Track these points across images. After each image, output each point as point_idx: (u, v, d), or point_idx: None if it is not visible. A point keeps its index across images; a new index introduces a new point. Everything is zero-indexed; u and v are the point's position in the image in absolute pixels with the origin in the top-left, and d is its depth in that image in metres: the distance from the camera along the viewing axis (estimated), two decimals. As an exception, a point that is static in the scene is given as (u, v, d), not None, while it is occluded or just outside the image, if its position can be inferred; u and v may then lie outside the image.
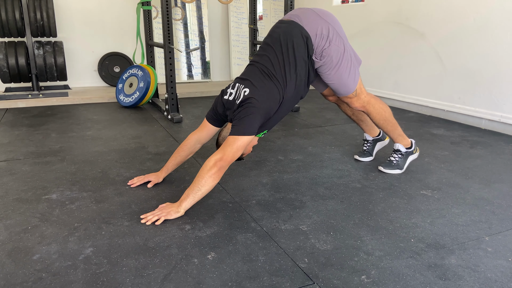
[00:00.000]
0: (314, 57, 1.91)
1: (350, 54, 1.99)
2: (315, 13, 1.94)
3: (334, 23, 1.95)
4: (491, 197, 1.99)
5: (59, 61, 4.44)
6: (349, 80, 2.01)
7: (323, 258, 1.46)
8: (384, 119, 2.17)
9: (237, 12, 5.78)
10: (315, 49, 1.90)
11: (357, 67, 2.03)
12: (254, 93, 1.79)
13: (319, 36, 1.88)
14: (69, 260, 1.44)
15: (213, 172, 1.71)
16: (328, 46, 1.90)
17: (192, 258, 1.46)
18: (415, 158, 2.39)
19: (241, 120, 1.76)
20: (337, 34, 1.93)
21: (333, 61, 1.93)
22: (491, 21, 3.24)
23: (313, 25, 1.89)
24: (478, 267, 1.42)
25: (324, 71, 1.98)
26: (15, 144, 2.84)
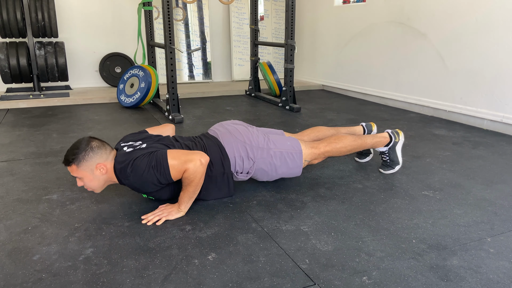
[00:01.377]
0: (236, 174, 1.95)
1: (275, 152, 1.97)
2: (229, 133, 1.98)
3: (248, 137, 1.96)
4: (493, 198, 1.98)
5: (60, 62, 4.45)
6: (292, 169, 2.02)
7: (324, 259, 1.45)
8: (348, 151, 2.14)
9: (238, 12, 5.78)
10: (238, 169, 1.93)
11: (290, 151, 2.00)
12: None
13: (238, 157, 1.92)
14: (69, 260, 1.43)
15: (204, 171, 1.72)
16: (253, 164, 1.94)
17: (193, 258, 1.45)
18: (403, 141, 2.29)
19: (153, 179, 1.70)
20: (255, 147, 1.95)
21: (266, 171, 1.98)
22: (493, 21, 3.23)
23: (230, 146, 1.92)
24: (480, 268, 1.41)
25: (265, 178, 2.03)
26: (16, 144, 2.84)
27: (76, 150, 1.68)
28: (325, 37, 5.39)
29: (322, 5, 5.37)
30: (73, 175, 1.71)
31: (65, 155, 1.70)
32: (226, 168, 1.89)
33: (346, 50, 4.98)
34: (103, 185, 1.77)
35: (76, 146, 1.70)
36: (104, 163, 1.71)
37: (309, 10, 5.65)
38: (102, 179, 1.74)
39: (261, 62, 4.86)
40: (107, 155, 1.73)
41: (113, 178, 1.75)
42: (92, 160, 1.68)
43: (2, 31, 4.23)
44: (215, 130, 2.04)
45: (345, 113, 3.94)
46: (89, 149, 1.68)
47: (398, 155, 2.28)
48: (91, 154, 1.68)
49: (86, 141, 1.71)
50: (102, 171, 1.71)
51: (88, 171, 1.69)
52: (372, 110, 4.10)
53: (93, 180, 1.71)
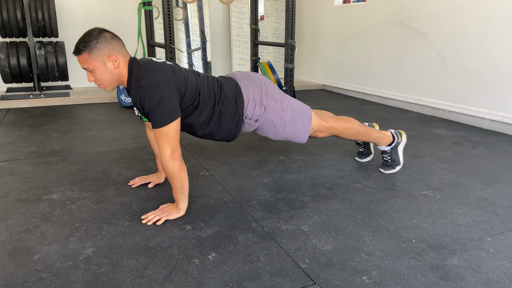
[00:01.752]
0: (246, 119, 1.91)
1: (288, 107, 1.97)
2: (248, 76, 1.96)
3: (266, 84, 1.95)
4: (493, 198, 1.99)
5: (60, 61, 4.45)
6: (299, 131, 2.00)
7: (324, 259, 1.45)
8: (353, 134, 2.14)
9: (238, 12, 5.78)
10: (248, 113, 1.90)
11: (302, 112, 2.00)
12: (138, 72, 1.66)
13: (251, 100, 1.88)
14: (69, 260, 1.43)
15: (178, 166, 1.66)
16: (264, 112, 1.91)
17: (193, 258, 1.45)
18: (405, 142, 2.29)
19: (152, 112, 1.61)
20: (270, 96, 1.93)
21: (275, 124, 1.95)
22: (493, 20, 3.23)
23: (246, 88, 1.89)
24: (480, 268, 1.41)
25: (270, 133, 1.99)
26: (16, 144, 2.84)
27: (88, 37, 1.58)
28: (326, 37, 5.39)
29: (322, 5, 5.37)
30: (83, 67, 1.61)
31: (75, 44, 1.59)
32: (238, 107, 1.84)
33: (346, 49, 4.98)
34: (114, 81, 1.68)
35: (88, 33, 1.59)
36: (117, 55, 1.63)
37: (309, 9, 5.65)
38: (114, 74, 1.65)
39: (261, 62, 4.85)
40: (120, 48, 1.65)
41: (123, 78, 1.67)
42: (105, 49, 1.59)
43: (2, 31, 4.24)
44: (233, 73, 2.01)
45: (345, 113, 3.94)
46: (102, 37, 1.59)
47: (400, 155, 2.28)
48: (104, 42, 1.59)
49: (99, 30, 1.62)
50: (115, 63, 1.62)
51: (100, 62, 1.60)
52: (372, 110, 4.10)
53: (104, 73, 1.63)
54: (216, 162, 2.47)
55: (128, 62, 1.68)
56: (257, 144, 2.86)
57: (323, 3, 5.34)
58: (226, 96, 1.82)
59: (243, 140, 2.94)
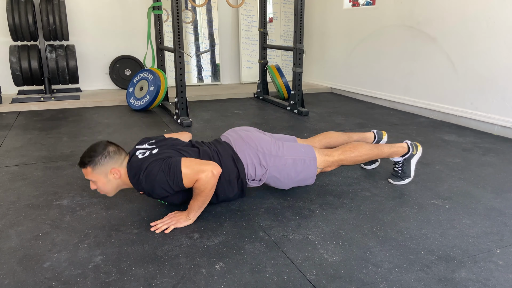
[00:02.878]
0: (248, 181, 1.94)
1: (288, 159, 1.95)
2: (242, 139, 1.97)
3: (260, 144, 1.96)
4: (503, 207, 1.96)
5: (71, 64, 4.50)
6: (305, 176, 2.00)
7: (331, 270, 1.45)
8: (364, 160, 2.11)
9: (247, 15, 5.79)
10: (250, 176, 1.92)
11: (304, 158, 1.98)
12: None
13: (250, 164, 1.91)
14: (79, 268, 1.45)
15: (214, 183, 1.72)
16: (265, 171, 1.93)
17: (200, 268, 1.46)
18: (420, 155, 2.24)
19: (165, 185, 1.70)
20: (268, 155, 1.93)
21: (279, 178, 1.96)
22: (503, 25, 3.19)
23: (243, 154, 1.92)
24: (488, 281, 1.40)
25: (278, 186, 2.01)
26: (27, 148, 2.88)
27: (93, 153, 1.70)
28: (334, 40, 5.37)
29: (331, 8, 5.35)
30: (87, 178, 1.73)
31: (81, 156, 1.72)
32: (240, 173, 1.88)
33: (355, 53, 4.96)
34: (116, 189, 1.79)
35: (94, 149, 1.72)
36: (119, 168, 1.73)
37: (318, 13, 5.64)
38: (115, 183, 1.76)
39: (269, 65, 4.86)
40: (122, 160, 1.76)
41: (127, 182, 1.77)
42: (107, 164, 1.71)
43: (14, 35, 4.29)
44: (227, 136, 2.04)
45: (353, 117, 3.93)
46: (106, 153, 1.71)
47: (412, 168, 2.23)
48: (107, 158, 1.71)
49: (104, 145, 1.74)
50: (116, 175, 1.73)
51: (102, 175, 1.71)
52: (381, 114, 4.08)
53: (106, 184, 1.74)
54: (224, 168, 2.48)
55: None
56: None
57: (332, 6, 5.33)
58: (226, 167, 1.86)
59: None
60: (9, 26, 4.21)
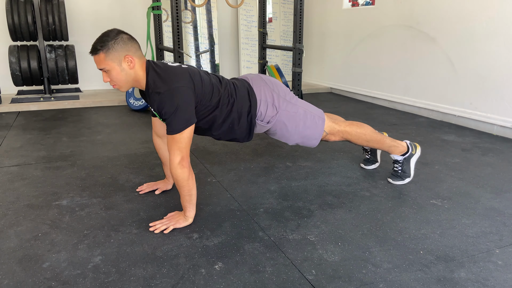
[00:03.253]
0: (258, 120, 1.92)
1: (300, 108, 1.97)
2: (260, 78, 1.98)
3: (278, 87, 1.96)
4: (502, 207, 1.97)
5: (70, 65, 4.49)
6: (312, 132, 2.00)
7: (330, 270, 1.45)
8: (366, 140, 2.11)
9: (246, 15, 5.79)
10: (260, 114, 1.91)
11: (314, 114, 1.99)
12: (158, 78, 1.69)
13: (263, 101, 1.89)
14: (78, 268, 1.45)
15: (187, 174, 1.68)
16: (276, 113, 1.92)
17: (200, 268, 1.46)
18: (418, 155, 2.27)
19: (169, 118, 1.63)
20: (282, 98, 1.94)
21: (287, 125, 1.95)
22: (503, 25, 3.19)
23: (258, 89, 1.91)
24: (487, 281, 1.40)
25: (282, 135, 1.99)
26: (27, 148, 2.88)
27: (106, 37, 1.61)
28: (334, 40, 5.37)
29: (331, 8, 5.35)
30: (99, 67, 1.64)
31: (93, 44, 1.62)
32: (252, 108, 1.86)
33: (355, 53, 4.97)
34: (128, 81, 1.69)
35: (106, 34, 1.63)
36: (133, 56, 1.65)
37: (318, 12, 5.64)
38: (130, 74, 1.67)
39: (269, 65, 4.86)
40: (136, 50, 1.68)
41: (140, 79, 1.70)
42: (121, 50, 1.62)
43: (13, 35, 4.29)
44: (246, 75, 2.03)
45: (353, 117, 3.93)
46: (119, 38, 1.63)
47: (411, 167, 2.24)
48: (121, 43, 1.62)
49: (117, 31, 1.66)
50: (131, 64, 1.65)
51: (116, 62, 1.63)
52: (380, 114, 4.08)
53: (120, 73, 1.65)
54: (223, 168, 2.48)
55: (144, 65, 1.71)
56: (264, 149, 2.87)
57: (332, 6, 5.33)
58: (240, 97, 1.85)
59: (250, 146, 2.95)
60: (9, 26, 4.21)
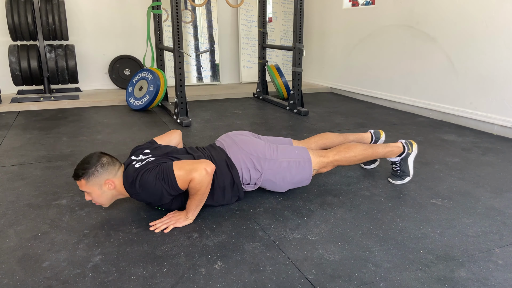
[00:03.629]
0: (243, 185, 1.96)
1: (282, 161, 1.96)
2: (235, 144, 1.99)
3: (254, 148, 1.97)
4: (502, 207, 1.97)
5: (70, 64, 4.49)
6: (301, 178, 2.01)
7: (330, 270, 1.45)
8: (359, 160, 2.11)
9: (246, 15, 5.79)
10: (245, 180, 1.94)
11: (299, 159, 1.98)
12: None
13: (245, 169, 1.92)
14: (78, 268, 1.45)
15: (209, 181, 1.71)
16: (260, 175, 1.94)
17: (200, 267, 1.46)
18: (416, 153, 2.25)
19: (162, 188, 1.70)
20: (262, 159, 1.94)
21: (274, 181, 1.97)
22: (503, 25, 3.19)
23: (236, 158, 1.93)
24: (488, 280, 1.40)
25: (274, 189, 2.02)
26: (26, 147, 2.88)
27: (86, 165, 1.70)
28: (334, 40, 5.37)
29: (331, 8, 5.35)
30: (81, 189, 1.73)
31: (75, 169, 1.73)
32: (235, 178, 1.90)
33: (355, 53, 4.96)
34: (111, 199, 1.79)
35: (87, 161, 1.72)
36: (113, 179, 1.73)
37: (318, 12, 5.64)
38: (110, 194, 1.76)
39: (269, 65, 4.86)
40: (116, 171, 1.76)
41: (123, 192, 1.78)
42: (101, 176, 1.71)
43: (13, 34, 4.29)
44: (221, 141, 2.05)
45: (353, 117, 3.93)
46: (99, 165, 1.71)
47: (410, 166, 2.23)
48: (100, 170, 1.71)
49: (97, 156, 1.74)
50: (110, 186, 1.73)
51: (96, 187, 1.71)
52: (380, 114, 4.08)
53: (101, 196, 1.74)
54: (223, 168, 2.48)
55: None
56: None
57: (332, 6, 5.33)
58: (220, 172, 1.87)
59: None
60: (9, 26, 4.21)
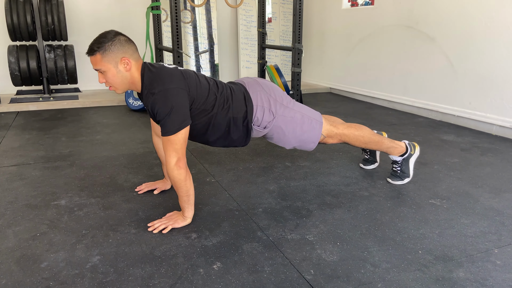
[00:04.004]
0: (255, 125, 1.91)
1: (297, 113, 1.95)
2: (257, 83, 1.96)
3: (274, 91, 1.95)
4: (501, 207, 1.97)
5: (69, 64, 4.49)
6: (309, 137, 1.98)
7: (329, 270, 1.45)
8: (364, 142, 2.10)
9: (246, 15, 5.79)
10: (257, 120, 1.90)
11: (312, 118, 1.98)
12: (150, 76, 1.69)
13: (260, 107, 1.88)
14: (76, 268, 1.45)
15: (184, 175, 1.67)
16: (273, 119, 1.90)
17: (198, 268, 1.46)
18: (418, 155, 2.27)
19: (163, 119, 1.62)
20: (279, 103, 1.92)
21: (284, 130, 1.93)
22: (502, 25, 3.19)
23: (255, 95, 1.89)
24: (486, 281, 1.40)
25: (280, 140, 1.98)
26: (25, 148, 2.88)
27: (103, 39, 1.61)
28: (333, 40, 5.37)
29: (330, 8, 5.35)
30: (95, 68, 1.64)
31: (90, 44, 1.62)
32: (248, 114, 1.85)
33: (354, 53, 4.97)
34: (124, 84, 1.69)
35: (103, 35, 1.62)
36: (129, 58, 1.65)
37: (317, 13, 5.64)
38: (125, 77, 1.67)
39: (268, 65, 4.85)
40: (133, 52, 1.67)
41: (136, 81, 1.69)
42: (118, 51, 1.62)
43: (12, 34, 4.28)
44: (243, 80, 2.01)
45: (352, 117, 3.93)
46: (117, 40, 1.63)
47: (410, 167, 2.23)
48: (118, 45, 1.62)
49: (114, 32, 1.65)
50: (127, 66, 1.64)
51: (112, 64, 1.62)
52: (379, 114, 4.08)
53: (116, 75, 1.65)
54: (222, 168, 2.48)
55: (140, 67, 1.71)
56: (263, 149, 2.87)
57: (331, 6, 5.33)
58: (235, 102, 1.84)
59: (249, 146, 2.94)
60: (8, 26, 4.21)
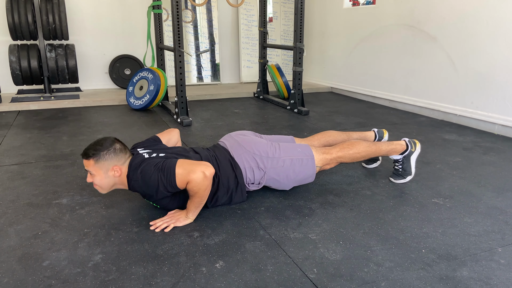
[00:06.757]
0: (248, 185, 1.96)
1: (285, 159, 1.96)
2: (238, 144, 1.98)
3: (256, 147, 1.96)
4: (504, 206, 1.96)
5: (70, 64, 4.49)
6: (305, 176, 2.01)
7: (332, 269, 1.44)
8: (362, 157, 2.10)
9: (247, 14, 5.78)
10: (249, 180, 1.94)
11: (301, 157, 1.98)
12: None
13: (248, 168, 1.92)
14: (78, 267, 1.44)
15: (208, 184, 1.69)
16: (264, 174, 1.94)
17: (200, 266, 1.45)
18: (419, 152, 2.24)
19: (158, 186, 1.69)
20: (265, 158, 1.94)
21: (278, 180, 1.97)
22: (503, 24, 3.18)
23: (240, 158, 1.93)
24: (490, 279, 1.39)
25: (278, 187, 2.03)
26: (27, 147, 2.87)
27: (99, 146, 1.69)
28: (334, 39, 5.37)
29: (331, 7, 5.35)
30: (87, 169, 1.71)
31: (86, 148, 1.71)
32: (239, 178, 1.90)
33: (355, 52, 4.96)
34: (111, 186, 1.77)
35: (100, 143, 1.71)
36: (121, 166, 1.73)
37: (318, 12, 5.63)
38: (113, 181, 1.75)
39: (269, 65, 4.85)
40: (125, 159, 1.75)
41: (124, 182, 1.76)
42: (111, 160, 1.70)
43: (13, 34, 4.28)
44: (224, 142, 2.05)
45: (354, 117, 3.92)
46: (112, 149, 1.71)
47: (412, 165, 2.22)
48: (112, 154, 1.70)
49: (111, 141, 1.73)
50: (116, 173, 1.72)
51: (103, 170, 1.70)
52: (381, 114, 4.07)
53: (104, 180, 1.72)
54: (224, 167, 2.47)
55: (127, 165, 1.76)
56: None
57: (332, 6, 5.32)
58: (225, 170, 1.88)
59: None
60: (9, 25, 4.21)
